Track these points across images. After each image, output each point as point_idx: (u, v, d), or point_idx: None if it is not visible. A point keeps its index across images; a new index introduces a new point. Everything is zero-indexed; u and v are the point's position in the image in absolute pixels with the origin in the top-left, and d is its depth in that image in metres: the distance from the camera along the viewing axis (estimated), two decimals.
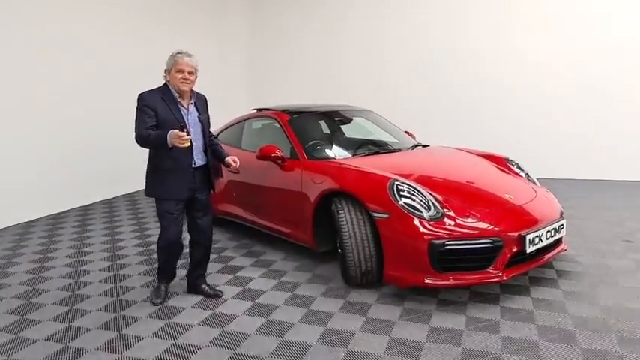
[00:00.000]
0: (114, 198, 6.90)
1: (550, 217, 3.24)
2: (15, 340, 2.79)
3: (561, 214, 3.39)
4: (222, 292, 3.35)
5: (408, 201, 3.01)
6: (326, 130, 4.56)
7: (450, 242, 2.86)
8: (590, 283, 3.28)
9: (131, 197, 6.92)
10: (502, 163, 3.97)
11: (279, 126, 4.27)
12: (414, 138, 4.78)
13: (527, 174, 3.88)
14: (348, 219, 3.18)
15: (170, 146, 2.88)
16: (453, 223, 2.93)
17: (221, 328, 2.84)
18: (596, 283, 3.28)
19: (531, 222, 3.09)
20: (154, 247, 3.99)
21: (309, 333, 2.74)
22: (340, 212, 3.23)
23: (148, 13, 7.45)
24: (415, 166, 3.73)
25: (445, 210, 2.99)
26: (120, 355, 2.57)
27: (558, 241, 3.38)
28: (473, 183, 3.47)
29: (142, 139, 2.99)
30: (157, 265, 3.39)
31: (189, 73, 3.06)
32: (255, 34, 9.50)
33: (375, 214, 3.06)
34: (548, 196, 3.57)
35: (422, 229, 2.89)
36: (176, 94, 3.09)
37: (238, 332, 2.79)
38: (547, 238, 3.13)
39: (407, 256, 2.96)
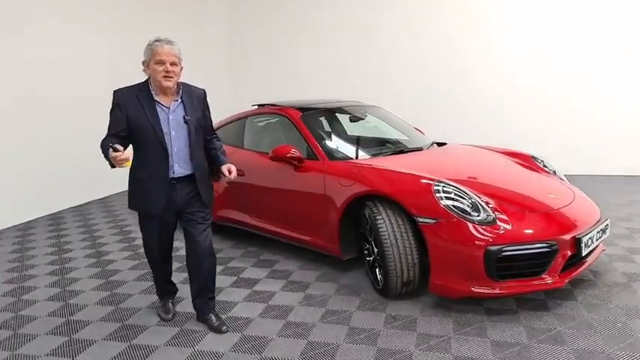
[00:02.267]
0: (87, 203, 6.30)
1: (595, 216, 3.09)
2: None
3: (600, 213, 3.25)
4: (227, 329, 2.76)
5: (457, 204, 2.76)
6: (339, 127, 4.23)
7: (507, 248, 2.63)
8: (629, 279, 3.16)
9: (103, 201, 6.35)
10: (529, 160, 3.76)
11: (289, 123, 3.91)
12: (422, 134, 4.55)
13: (554, 171, 3.72)
14: (387, 225, 2.89)
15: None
16: (507, 227, 2.71)
17: (259, 355, 2.49)
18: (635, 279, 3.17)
19: (581, 223, 2.90)
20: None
21: (362, 356, 2.44)
22: (378, 217, 2.93)
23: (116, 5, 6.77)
24: (448, 167, 3.47)
25: (496, 213, 2.77)
26: None
27: None
28: (511, 183, 3.26)
29: (101, 147, 2.52)
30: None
31: (172, 64, 2.52)
32: (235, 30, 9.03)
33: (421, 219, 2.79)
34: (584, 195, 3.42)
35: (476, 235, 2.64)
36: (153, 92, 2.59)
37: (281, 358, 2.45)
38: (597, 240, 2.97)
39: (458, 264, 2.70)
